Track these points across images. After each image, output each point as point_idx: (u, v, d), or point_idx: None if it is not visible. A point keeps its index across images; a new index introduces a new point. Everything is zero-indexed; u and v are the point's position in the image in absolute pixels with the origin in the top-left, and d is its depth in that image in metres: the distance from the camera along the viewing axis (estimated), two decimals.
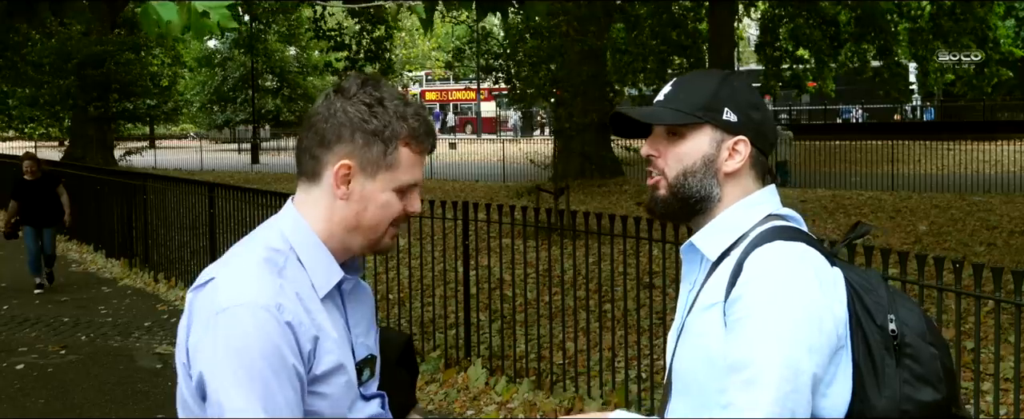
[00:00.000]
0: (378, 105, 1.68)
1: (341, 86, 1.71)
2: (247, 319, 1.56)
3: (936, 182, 20.02)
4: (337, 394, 1.67)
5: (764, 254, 1.63)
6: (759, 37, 28.11)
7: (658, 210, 1.82)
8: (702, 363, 1.68)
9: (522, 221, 6.73)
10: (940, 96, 42.48)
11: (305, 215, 1.72)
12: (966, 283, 5.10)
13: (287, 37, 49.27)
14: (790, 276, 1.60)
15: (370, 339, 1.82)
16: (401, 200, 1.72)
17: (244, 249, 1.70)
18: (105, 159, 29.56)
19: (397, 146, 1.68)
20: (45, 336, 8.55)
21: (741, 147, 1.76)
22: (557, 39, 20.38)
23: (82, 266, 12.78)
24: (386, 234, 1.73)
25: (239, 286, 1.60)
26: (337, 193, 1.69)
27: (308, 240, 1.70)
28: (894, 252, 4.50)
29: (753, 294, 1.59)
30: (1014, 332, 4.06)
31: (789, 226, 1.73)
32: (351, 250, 1.73)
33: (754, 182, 1.79)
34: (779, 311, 1.57)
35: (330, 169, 1.68)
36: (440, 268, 9.09)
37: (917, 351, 1.64)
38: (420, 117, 1.71)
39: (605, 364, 6.23)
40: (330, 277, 1.70)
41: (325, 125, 1.68)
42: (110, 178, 13.84)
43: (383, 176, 1.69)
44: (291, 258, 1.67)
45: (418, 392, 6.48)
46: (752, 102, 1.79)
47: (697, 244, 1.78)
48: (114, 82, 30.55)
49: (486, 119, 56.11)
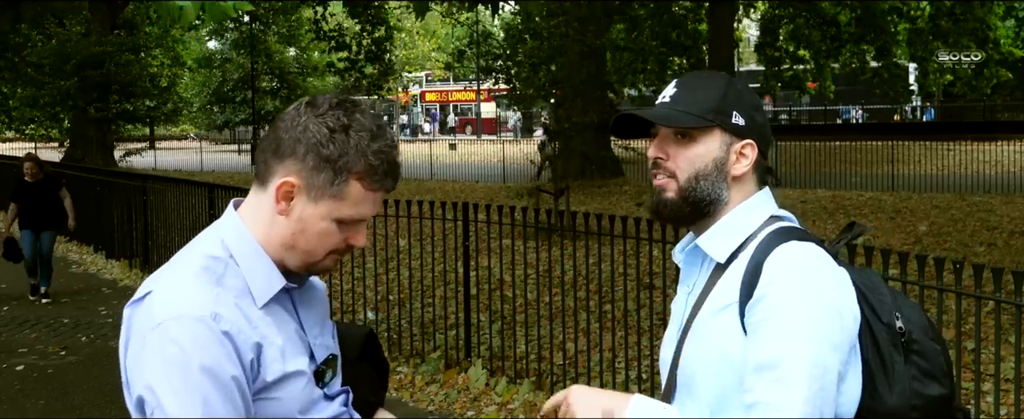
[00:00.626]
0: (342, 132, 1.60)
1: (315, 100, 1.65)
2: (182, 332, 1.51)
3: (936, 182, 20.02)
4: (292, 398, 1.62)
5: (784, 255, 1.65)
6: (759, 37, 28.12)
7: (666, 213, 1.81)
8: (717, 364, 1.68)
9: (522, 222, 6.73)
10: (940, 96, 42.50)
11: (249, 220, 1.66)
12: (966, 284, 5.11)
13: (287, 38, 49.25)
14: (812, 275, 1.63)
15: (329, 338, 1.76)
16: (342, 231, 1.65)
17: (183, 258, 1.65)
18: (105, 160, 29.56)
19: (348, 179, 1.60)
20: (45, 337, 8.55)
21: (748, 151, 1.77)
22: (557, 39, 20.38)
23: (82, 267, 12.78)
24: (325, 259, 1.67)
25: (174, 298, 1.55)
26: (277, 208, 1.63)
27: (249, 248, 1.64)
28: (894, 252, 4.50)
29: (778, 294, 1.61)
30: (1014, 332, 4.06)
31: (795, 227, 1.75)
32: (289, 266, 1.67)
33: (755, 185, 1.80)
34: (805, 310, 1.59)
35: (275, 181, 1.62)
36: (440, 269, 9.09)
37: (924, 347, 1.67)
38: (383, 155, 1.62)
39: (605, 365, 6.22)
40: (271, 285, 1.64)
41: (285, 135, 1.63)
42: (110, 179, 13.85)
43: (326, 204, 1.61)
44: (231, 266, 1.61)
45: (419, 392, 6.48)
46: (755, 105, 1.80)
47: (704, 246, 1.78)
48: (114, 83, 30.55)
49: (486, 120, 56.11)
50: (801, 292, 1.60)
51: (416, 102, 63.33)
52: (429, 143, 37.87)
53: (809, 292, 1.60)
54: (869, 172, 21.70)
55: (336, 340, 1.80)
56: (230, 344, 1.53)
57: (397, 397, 6.44)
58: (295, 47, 50.05)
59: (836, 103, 43.11)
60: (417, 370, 6.84)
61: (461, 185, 24.17)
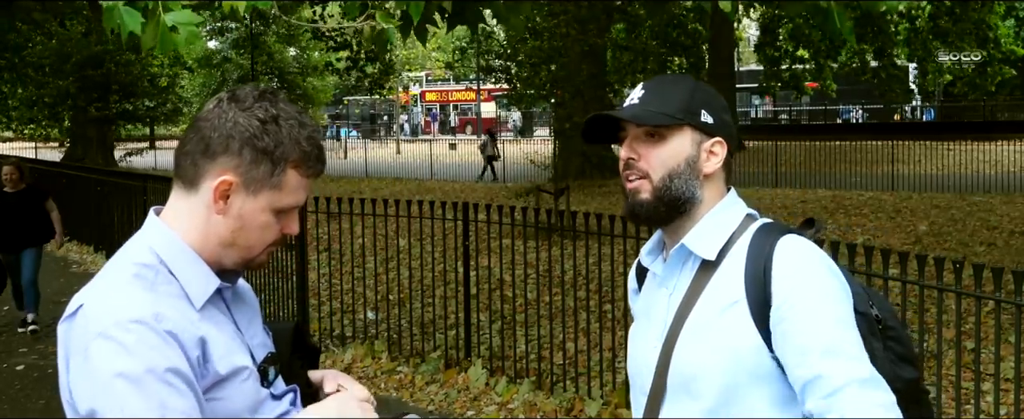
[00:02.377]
0: (272, 122, 1.59)
1: (236, 94, 1.62)
2: (125, 337, 1.46)
3: (936, 182, 20.02)
4: (240, 397, 1.59)
5: (791, 249, 1.71)
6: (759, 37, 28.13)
7: (642, 214, 1.81)
8: (727, 362, 1.69)
9: (522, 221, 6.73)
10: (940, 96, 42.51)
11: (176, 224, 1.63)
12: (966, 283, 5.10)
13: (287, 38, 49.25)
14: (823, 263, 1.71)
15: (265, 337, 1.75)
16: (279, 221, 1.65)
17: (111, 269, 1.60)
18: (105, 160, 29.59)
19: (285, 168, 1.60)
20: (45, 337, 8.55)
21: (718, 148, 1.80)
22: (557, 40, 20.38)
23: (82, 267, 12.78)
24: (262, 253, 1.67)
25: (109, 305, 1.50)
26: (214, 207, 1.60)
27: (179, 252, 1.61)
28: (894, 252, 4.50)
29: (807, 285, 1.67)
30: (1014, 332, 4.06)
31: (777, 222, 1.82)
32: (223, 265, 1.65)
33: (724, 182, 1.84)
34: (833, 296, 1.68)
35: (210, 181, 1.59)
36: (440, 269, 9.09)
37: (898, 333, 1.75)
38: (313, 141, 1.63)
39: (605, 364, 6.22)
40: (206, 287, 1.61)
41: (213, 133, 1.59)
42: (110, 179, 13.84)
43: (265, 196, 1.61)
44: (162, 272, 1.58)
45: (419, 392, 6.48)
46: (722, 106, 1.84)
47: (691, 246, 1.78)
48: (114, 83, 30.55)
49: (486, 119, 56.13)
50: (825, 281, 1.68)
51: (416, 102, 63.34)
52: (429, 143, 37.88)
53: (829, 279, 1.69)
54: (869, 172, 21.70)
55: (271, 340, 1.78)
56: (175, 343, 1.50)
57: (397, 397, 6.44)
58: (295, 47, 50.07)
59: (836, 103, 43.13)
60: (417, 370, 6.85)
61: (461, 185, 24.17)
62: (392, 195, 12.57)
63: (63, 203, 14.89)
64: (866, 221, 14.87)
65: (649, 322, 1.86)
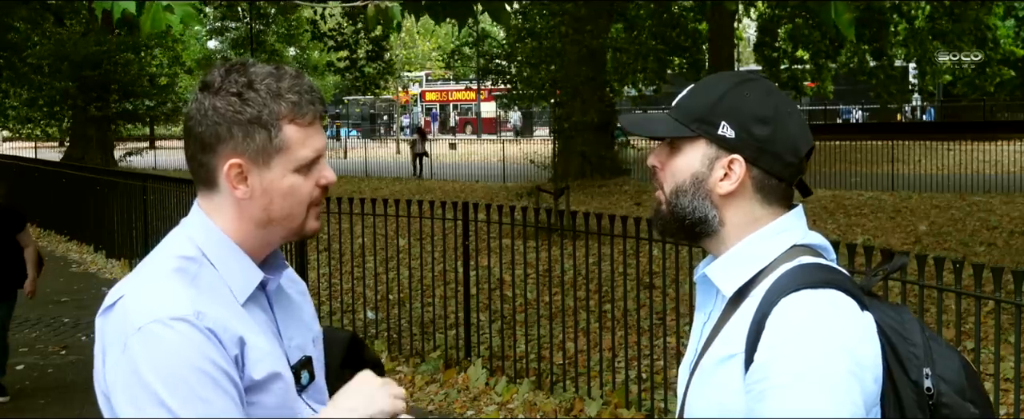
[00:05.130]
0: (248, 90, 1.55)
1: (206, 82, 1.58)
2: (166, 333, 1.44)
3: (936, 182, 20.02)
4: (275, 402, 1.56)
5: (791, 309, 1.44)
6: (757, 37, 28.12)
7: (658, 227, 1.66)
8: (717, 416, 1.53)
9: (522, 221, 6.73)
10: (940, 96, 42.51)
11: (214, 219, 1.60)
12: (966, 283, 5.10)
13: (287, 37, 49.28)
14: (823, 336, 1.41)
15: (305, 339, 1.69)
16: (308, 177, 1.59)
17: (152, 261, 1.57)
18: (105, 160, 29.55)
19: (281, 127, 1.55)
20: (45, 337, 8.55)
21: (735, 167, 1.55)
22: (556, 39, 20.39)
23: (82, 267, 12.78)
24: (308, 217, 1.62)
25: (151, 300, 1.48)
26: (237, 193, 1.56)
27: (221, 244, 1.58)
28: (894, 252, 4.50)
29: (782, 360, 1.40)
30: (1014, 332, 4.06)
31: (817, 263, 1.52)
32: (273, 243, 1.63)
33: (761, 206, 1.57)
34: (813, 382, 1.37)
35: (221, 172, 1.56)
36: (440, 268, 9.10)
37: (954, 412, 1.45)
38: (297, 88, 1.57)
39: (605, 364, 6.22)
40: (249, 281, 1.58)
41: (201, 129, 1.56)
42: (110, 179, 13.84)
43: (277, 161, 1.56)
44: (205, 265, 1.55)
45: (419, 392, 6.48)
46: (760, 115, 1.55)
47: (712, 277, 1.58)
48: (113, 83, 30.53)
49: (486, 119, 56.12)
50: (809, 360, 1.38)
51: (416, 102, 63.33)
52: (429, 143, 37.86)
53: (818, 359, 1.38)
54: (869, 172, 21.70)
55: (320, 345, 1.74)
56: (216, 340, 1.47)
57: None
58: (295, 47, 50.09)
59: (836, 103, 43.12)
60: (417, 370, 6.84)
61: (461, 185, 24.17)
62: (392, 195, 12.57)
63: (64, 203, 14.95)
64: (866, 221, 14.88)
65: (690, 345, 1.69)
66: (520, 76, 22.17)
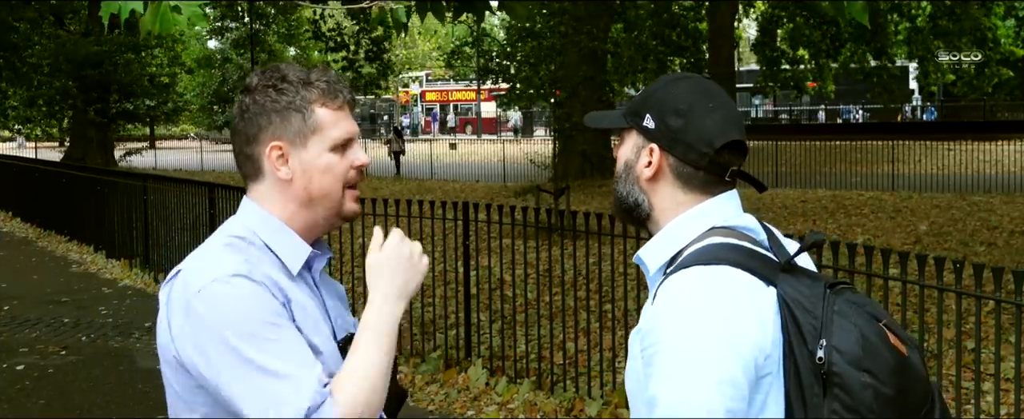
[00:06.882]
0: (282, 82, 1.73)
1: (245, 85, 1.77)
2: (225, 289, 1.60)
3: (936, 182, 20.02)
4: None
5: (675, 283, 1.56)
6: (757, 37, 28.13)
7: (614, 213, 1.82)
8: (633, 386, 1.63)
9: (522, 221, 6.73)
10: (940, 96, 42.52)
11: (263, 205, 1.76)
12: (966, 283, 5.10)
13: (287, 37, 49.26)
14: (699, 307, 1.51)
15: (349, 320, 1.85)
16: (343, 157, 1.75)
17: (207, 242, 1.75)
18: (105, 160, 29.56)
19: (313, 109, 1.72)
20: (45, 337, 8.55)
21: (652, 156, 1.68)
22: (557, 39, 20.38)
23: (82, 267, 12.78)
24: (345, 198, 1.76)
25: (206, 266, 1.65)
26: (280, 175, 1.73)
27: (269, 223, 1.74)
28: (894, 252, 4.50)
29: (660, 329, 1.52)
30: (1015, 332, 4.06)
31: (723, 243, 1.61)
32: (317, 224, 1.77)
33: (684, 192, 1.68)
34: (685, 348, 1.48)
35: (265, 158, 1.73)
36: (440, 268, 9.10)
37: (845, 380, 1.49)
38: (325, 77, 1.75)
39: (606, 364, 6.22)
40: (298, 254, 1.74)
41: (243, 124, 1.74)
42: (110, 179, 13.84)
43: (313, 141, 1.72)
44: (256, 243, 1.71)
45: (419, 392, 6.48)
46: (676, 108, 1.66)
47: (642, 256, 1.72)
48: (114, 83, 30.53)
49: (486, 119, 56.11)
50: (683, 327, 1.49)
51: (416, 102, 63.32)
52: (429, 143, 37.88)
53: (694, 327, 1.49)
54: (869, 172, 21.70)
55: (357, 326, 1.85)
56: (268, 293, 1.62)
57: None
58: (295, 47, 50.08)
59: (836, 103, 43.14)
60: (417, 370, 6.85)
61: (461, 185, 24.18)
62: (392, 195, 12.57)
63: (64, 203, 14.95)
64: (866, 221, 14.88)
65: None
66: (520, 76, 22.16)
